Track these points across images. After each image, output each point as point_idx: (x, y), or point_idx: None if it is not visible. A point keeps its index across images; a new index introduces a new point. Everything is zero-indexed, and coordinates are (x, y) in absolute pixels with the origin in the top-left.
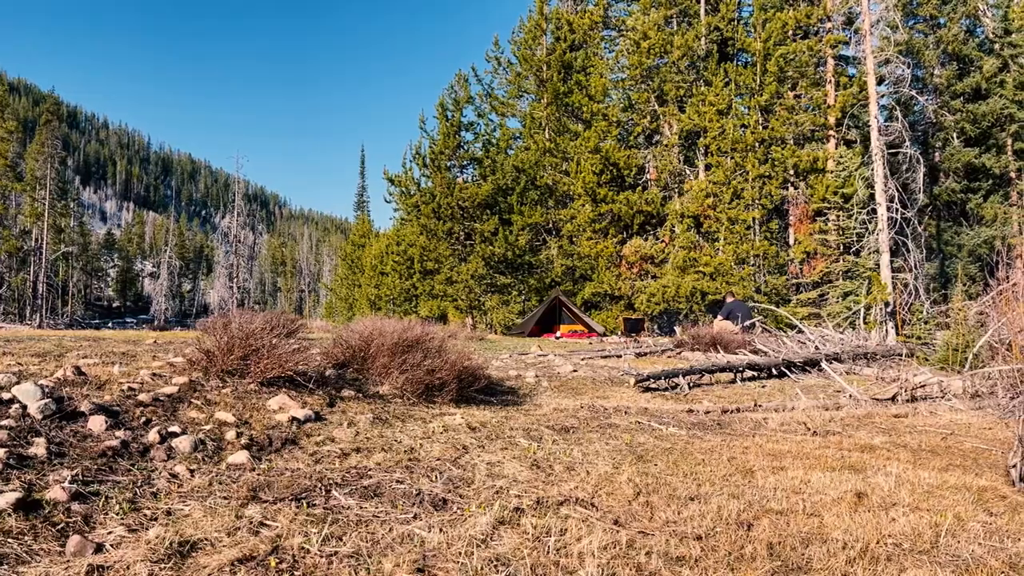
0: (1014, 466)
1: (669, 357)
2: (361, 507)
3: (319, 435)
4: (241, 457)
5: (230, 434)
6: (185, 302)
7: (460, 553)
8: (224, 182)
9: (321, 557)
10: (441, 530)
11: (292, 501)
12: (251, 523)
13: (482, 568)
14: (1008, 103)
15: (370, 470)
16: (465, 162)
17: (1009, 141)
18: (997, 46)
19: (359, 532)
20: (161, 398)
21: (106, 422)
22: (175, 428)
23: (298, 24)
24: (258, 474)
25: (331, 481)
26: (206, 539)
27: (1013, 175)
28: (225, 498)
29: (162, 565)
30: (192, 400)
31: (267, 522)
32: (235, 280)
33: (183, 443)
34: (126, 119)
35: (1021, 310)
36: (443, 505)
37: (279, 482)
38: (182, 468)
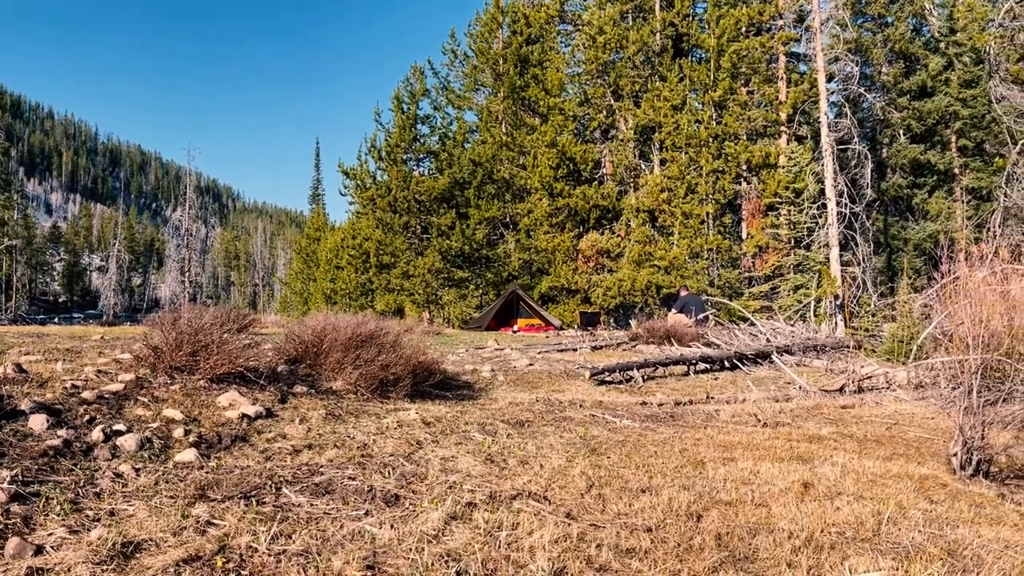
0: (955, 455)
1: (624, 350)
2: (312, 504)
3: (270, 432)
4: (189, 455)
5: (178, 432)
6: (135, 297)
7: (411, 549)
8: (175, 174)
9: (269, 556)
10: (392, 526)
11: (241, 499)
12: (198, 522)
13: (433, 564)
14: (952, 101)
15: (322, 467)
16: (421, 155)
17: (953, 138)
18: (942, 45)
19: (309, 530)
20: (106, 396)
21: (48, 421)
22: (120, 426)
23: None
24: (206, 472)
25: (282, 478)
26: (151, 539)
27: (957, 171)
28: (171, 497)
29: (104, 567)
30: (139, 397)
31: (215, 521)
32: (187, 274)
33: (128, 441)
34: (72, 109)
35: (962, 303)
36: (395, 501)
37: (228, 480)
38: (127, 467)
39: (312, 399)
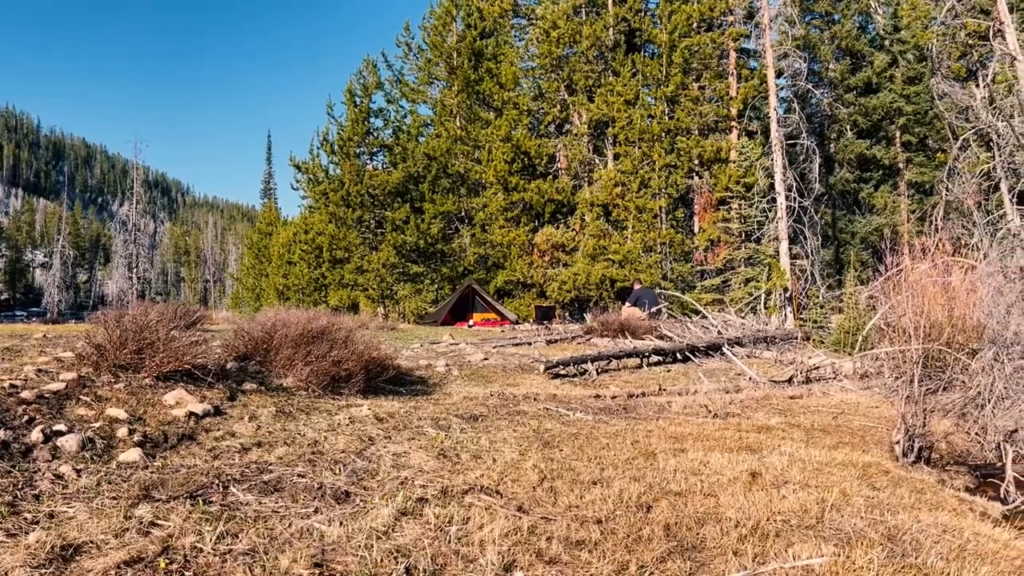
0: (897, 442)
1: (579, 344)
2: (260, 503)
3: (218, 430)
4: (133, 455)
5: (121, 431)
6: (81, 294)
7: (360, 546)
8: (122, 168)
9: (215, 556)
10: (342, 523)
11: (187, 499)
12: (141, 523)
13: (382, 560)
14: (897, 97)
15: (271, 465)
16: (375, 149)
17: (898, 134)
18: (887, 42)
19: (256, 528)
20: (47, 395)
21: None
22: (61, 427)
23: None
24: (151, 472)
25: (230, 477)
26: (91, 542)
27: (901, 166)
28: (114, 498)
29: (43, 570)
30: (81, 397)
31: (159, 522)
32: (135, 270)
33: (70, 442)
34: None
35: (905, 295)
36: (346, 498)
37: (174, 480)
38: (68, 468)
39: (262, 396)
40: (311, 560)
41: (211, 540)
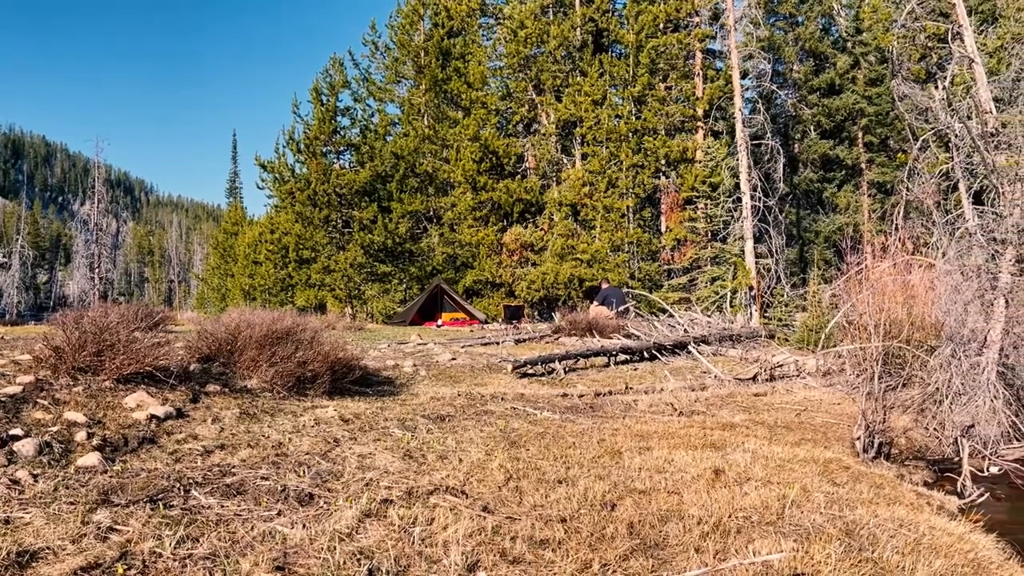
0: (858, 438)
1: (547, 343)
2: (222, 506)
3: (181, 433)
4: (92, 459)
5: (80, 435)
6: (41, 295)
7: (323, 548)
8: (83, 167)
9: (174, 561)
10: (305, 526)
11: (147, 503)
12: (99, 529)
13: (345, 562)
14: (859, 98)
15: (234, 467)
16: (342, 148)
17: (860, 134)
18: (849, 44)
19: (218, 532)
20: (2, 399)
21: None
22: (17, 431)
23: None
24: (110, 476)
25: (191, 480)
26: (48, 548)
27: (863, 166)
28: (71, 503)
29: None
30: (38, 400)
31: (117, 527)
32: (97, 271)
33: (26, 446)
34: None
35: (865, 293)
36: (309, 500)
37: (133, 484)
38: (24, 473)
39: (226, 398)
40: (273, 563)
41: (171, 545)
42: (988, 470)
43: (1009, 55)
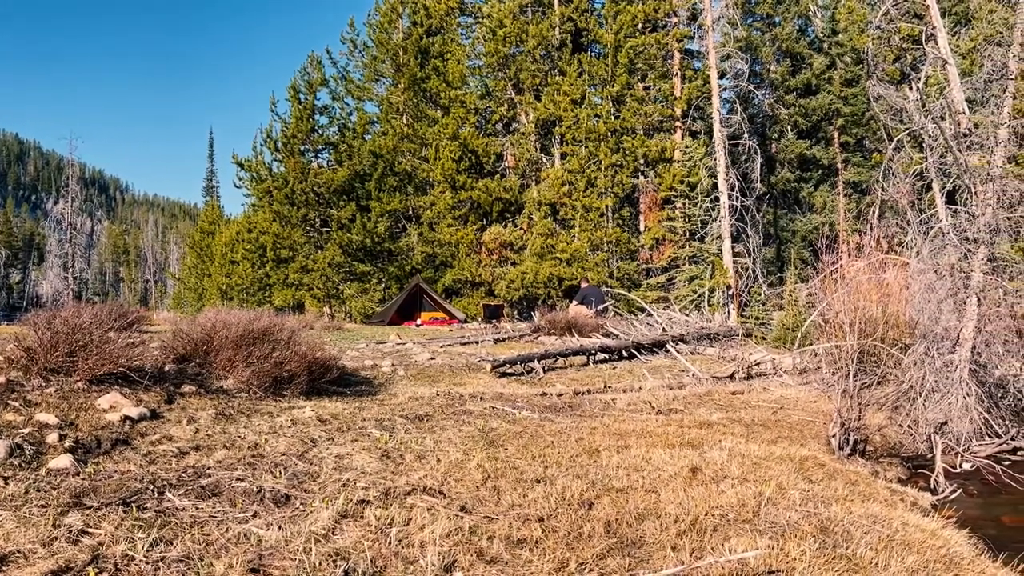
0: (834, 436)
1: (527, 342)
2: (197, 508)
3: (155, 434)
4: (64, 461)
5: (52, 437)
6: (14, 295)
7: (299, 550)
8: (57, 165)
9: (147, 563)
10: (280, 527)
11: (120, 506)
12: (71, 532)
13: (320, 564)
14: (835, 99)
15: (209, 469)
16: (320, 146)
17: (836, 134)
18: (826, 45)
19: (192, 534)
20: None
21: None
22: None
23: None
24: (83, 479)
25: (165, 482)
26: (18, 551)
27: (839, 166)
28: (43, 506)
29: None
30: (9, 402)
31: (89, 530)
32: (71, 270)
33: None
34: None
35: (841, 292)
36: (285, 501)
37: (106, 486)
38: None
39: (201, 399)
40: (247, 566)
41: (144, 547)
42: (961, 466)
43: (981, 56)
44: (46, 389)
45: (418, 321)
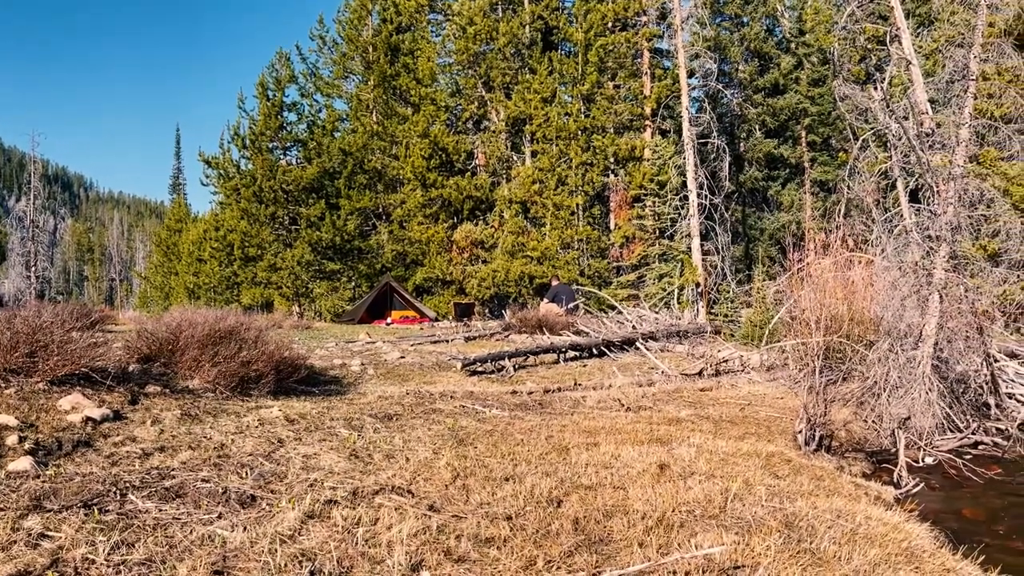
0: (800, 432)
1: (497, 340)
2: (160, 510)
3: (118, 435)
4: (23, 463)
5: (11, 439)
6: None
7: (264, 551)
8: (19, 161)
9: (108, 567)
10: (246, 529)
11: (81, 508)
12: (30, 535)
13: (286, 565)
14: (802, 98)
15: (174, 470)
16: (288, 144)
17: (803, 133)
18: (793, 45)
19: (155, 537)
20: None
21: None
22: None
23: None
24: (43, 481)
25: (128, 484)
26: None
27: (807, 165)
28: (1, 510)
29: None
30: None
31: (49, 533)
32: (33, 269)
33: None
34: None
35: (807, 290)
36: (251, 502)
37: (67, 488)
38: None
39: (166, 399)
40: (211, 567)
41: (105, 550)
42: (923, 461)
43: (944, 57)
44: (6, 390)
45: (389, 320)
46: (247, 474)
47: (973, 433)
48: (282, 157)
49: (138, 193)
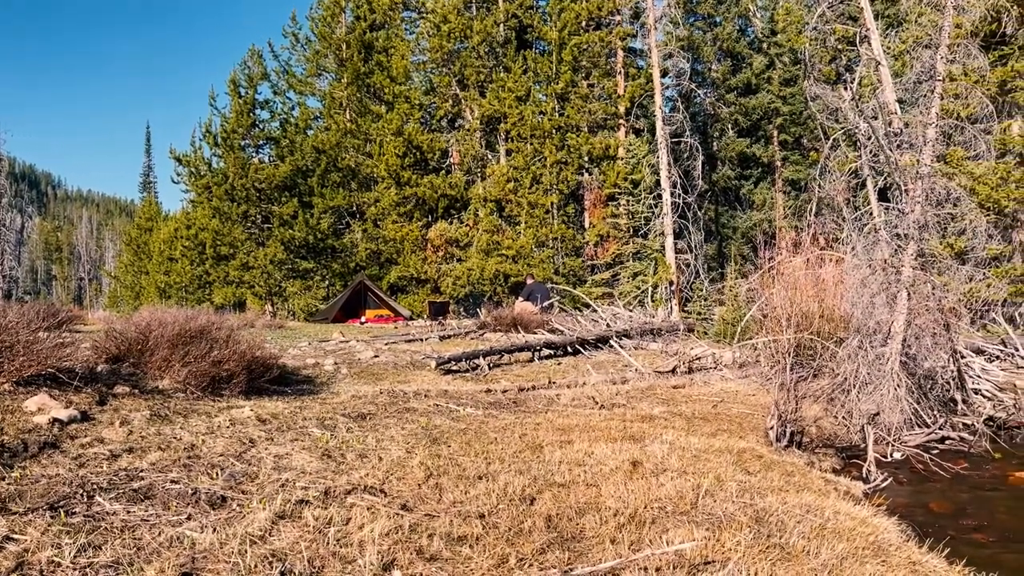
0: (771, 428)
1: (472, 339)
2: (128, 512)
3: (86, 437)
4: None
5: None
6: None
7: (233, 552)
8: None
9: (74, 570)
10: (215, 530)
11: (47, 511)
12: None
13: (256, 566)
14: (774, 98)
15: (142, 471)
16: (261, 142)
17: (775, 133)
18: (765, 45)
19: (123, 539)
20: None
21: None
22: None
23: None
24: (8, 483)
25: (96, 486)
26: None
27: (778, 164)
28: None
29: None
30: None
31: (14, 536)
32: (0, 268)
33: None
34: None
35: (778, 287)
36: (222, 503)
37: (33, 491)
38: None
39: (136, 400)
40: (179, 569)
41: (71, 553)
42: (892, 456)
43: (912, 58)
44: None
45: (363, 319)
46: (218, 475)
47: (940, 428)
48: (254, 155)
49: (108, 191)
